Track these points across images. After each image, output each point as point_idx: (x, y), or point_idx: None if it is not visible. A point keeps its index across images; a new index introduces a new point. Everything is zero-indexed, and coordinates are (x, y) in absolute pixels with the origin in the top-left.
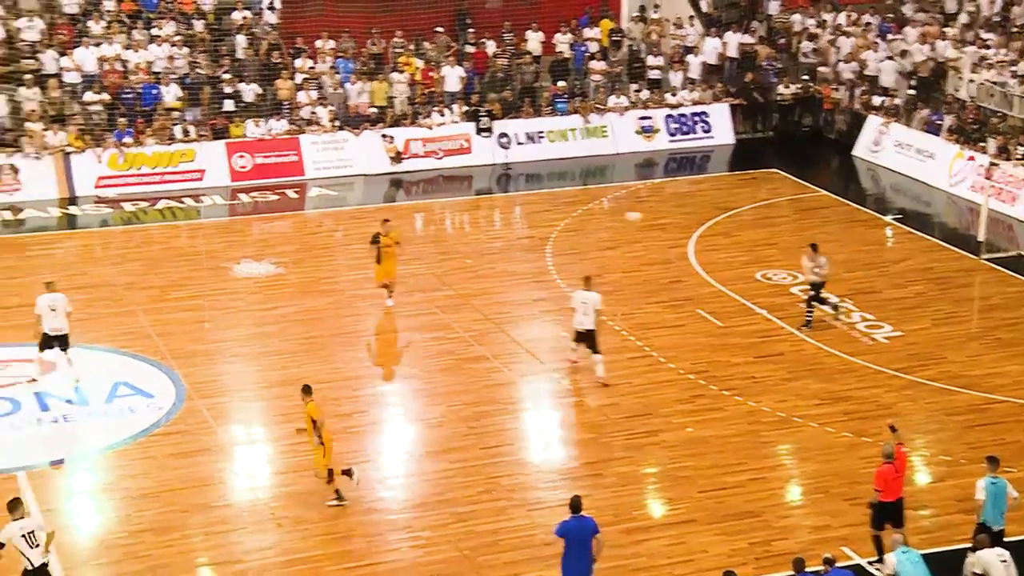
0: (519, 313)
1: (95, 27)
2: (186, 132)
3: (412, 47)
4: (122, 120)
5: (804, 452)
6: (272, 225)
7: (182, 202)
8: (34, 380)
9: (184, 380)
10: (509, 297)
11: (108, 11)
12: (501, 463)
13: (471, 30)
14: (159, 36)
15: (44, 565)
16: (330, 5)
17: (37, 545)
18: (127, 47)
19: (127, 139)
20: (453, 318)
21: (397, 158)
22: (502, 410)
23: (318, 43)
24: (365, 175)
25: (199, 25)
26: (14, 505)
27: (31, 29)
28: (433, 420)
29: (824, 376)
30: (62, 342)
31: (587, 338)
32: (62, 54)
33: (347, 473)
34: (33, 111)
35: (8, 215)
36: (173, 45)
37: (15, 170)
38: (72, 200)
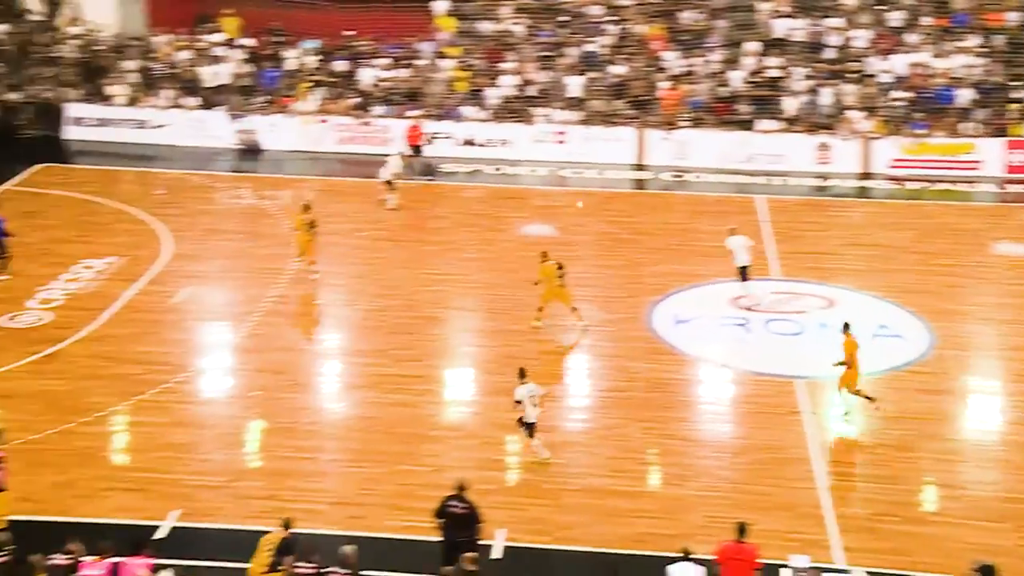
0: None
1: (912, 38)
2: (971, 129)
3: None
4: (919, 115)
5: None
6: None
7: (957, 186)
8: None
9: (936, 331)
10: None
11: (925, 25)
12: None
13: None
14: (963, 47)
15: (534, 423)
16: None
17: (536, 406)
18: (935, 55)
19: (921, 130)
20: None
21: None
22: None
23: None
24: None
25: (1000, 39)
26: (523, 373)
27: (860, 38)
28: None
29: None
30: (746, 273)
31: None
32: (882, 58)
33: (870, 399)
34: (851, 103)
35: (818, 182)
36: (974, 55)
37: (828, 148)
38: (867, 175)
